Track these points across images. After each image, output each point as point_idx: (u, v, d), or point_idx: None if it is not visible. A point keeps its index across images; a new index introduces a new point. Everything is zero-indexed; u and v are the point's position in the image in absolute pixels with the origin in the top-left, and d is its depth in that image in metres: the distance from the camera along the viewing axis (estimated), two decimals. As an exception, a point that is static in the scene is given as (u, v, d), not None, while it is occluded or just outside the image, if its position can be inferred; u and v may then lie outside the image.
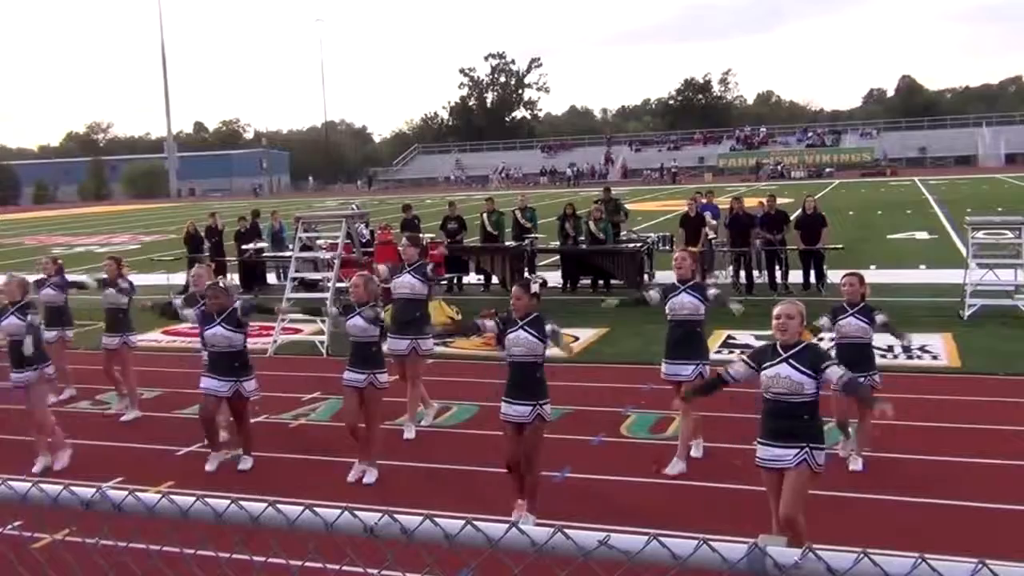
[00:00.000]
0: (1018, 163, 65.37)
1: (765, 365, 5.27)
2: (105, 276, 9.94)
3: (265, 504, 1.52)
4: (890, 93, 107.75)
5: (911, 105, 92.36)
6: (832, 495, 6.54)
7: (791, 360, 5.19)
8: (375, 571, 1.84)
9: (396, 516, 1.44)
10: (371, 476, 7.45)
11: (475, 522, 1.40)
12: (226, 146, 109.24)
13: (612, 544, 1.29)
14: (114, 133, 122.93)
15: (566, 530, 1.34)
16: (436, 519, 1.42)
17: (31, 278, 9.23)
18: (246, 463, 7.89)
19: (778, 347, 5.29)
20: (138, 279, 22.18)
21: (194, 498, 1.58)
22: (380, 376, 7.50)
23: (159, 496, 1.60)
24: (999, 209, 27.93)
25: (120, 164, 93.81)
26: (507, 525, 1.37)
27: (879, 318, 7.28)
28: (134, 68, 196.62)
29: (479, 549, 1.42)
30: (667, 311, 7.53)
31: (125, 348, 9.71)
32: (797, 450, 5.14)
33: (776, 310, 5.37)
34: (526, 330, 6.30)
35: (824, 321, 7.30)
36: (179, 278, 18.64)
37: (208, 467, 7.80)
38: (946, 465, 7.38)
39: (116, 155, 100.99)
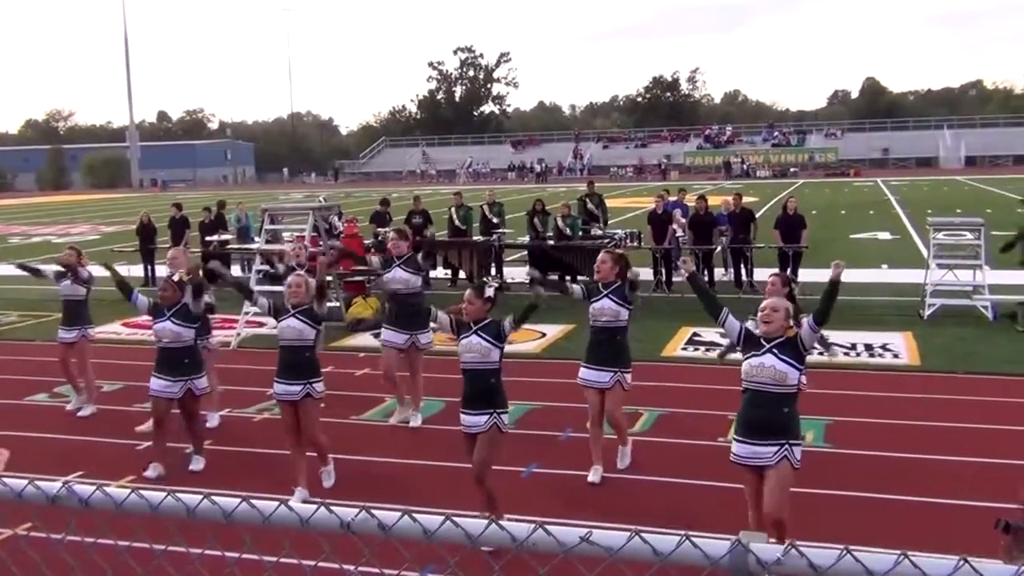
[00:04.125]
0: (977, 166, 66.58)
1: (749, 354, 5.27)
2: (61, 267, 9.60)
3: (239, 500, 1.49)
4: (854, 95, 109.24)
5: (874, 107, 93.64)
6: (792, 491, 6.59)
7: (775, 350, 5.20)
8: (352, 567, 1.82)
9: (374, 512, 1.42)
10: (328, 480, 7.20)
11: (454, 518, 1.38)
12: (190, 136, 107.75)
13: (594, 540, 1.28)
14: (75, 121, 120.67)
15: (547, 526, 1.33)
16: (414, 515, 1.40)
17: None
18: (198, 463, 7.68)
19: (762, 339, 5.29)
20: (98, 270, 21.81)
21: (165, 493, 1.54)
22: (317, 386, 6.90)
23: (128, 492, 1.56)
24: (958, 211, 28.43)
25: (80, 153, 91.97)
26: (487, 521, 1.36)
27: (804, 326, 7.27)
28: (96, 55, 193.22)
29: (458, 545, 1.40)
30: (589, 315, 7.26)
31: (83, 341, 9.46)
32: (776, 447, 5.13)
33: (763, 302, 5.39)
34: (479, 335, 6.04)
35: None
36: (139, 270, 18.34)
37: (148, 474, 7.40)
38: (905, 461, 7.49)
39: (76, 144, 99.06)
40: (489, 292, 6.21)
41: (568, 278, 16.97)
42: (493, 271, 17.33)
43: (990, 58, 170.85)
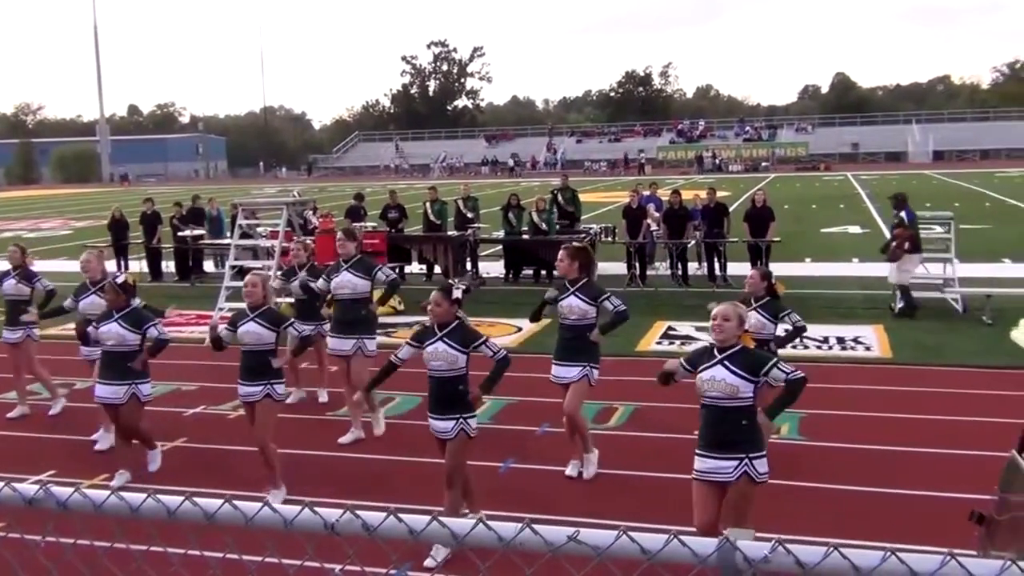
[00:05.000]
0: (945, 160, 67.46)
1: (701, 368, 5.07)
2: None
3: (221, 501, 1.47)
4: (824, 89, 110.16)
5: (844, 101, 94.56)
6: (769, 482, 6.65)
7: (726, 362, 5.00)
8: (336, 567, 1.80)
9: (358, 512, 1.41)
10: (276, 498, 6.63)
11: (440, 518, 1.37)
12: (161, 130, 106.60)
13: (581, 539, 1.28)
14: (44, 115, 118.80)
15: (535, 525, 1.32)
16: (400, 515, 1.39)
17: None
18: (154, 461, 7.51)
19: (715, 350, 5.10)
20: (70, 265, 21.46)
21: (145, 494, 1.52)
22: (278, 387, 6.74)
23: (108, 494, 1.54)
24: (928, 205, 28.79)
25: (50, 147, 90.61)
26: (473, 521, 1.35)
27: (784, 326, 7.29)
28: (66, 47, 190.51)
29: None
30: (557, 313, 7.12)
31: (29, 341, 9.14)
32: (736, 462, 4.96)
33: (715, 311, 5.16)
34: (446, 342, 5.80)
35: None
36: (111, 266, 18.10)
37: (114, 483, 7.10)
38: (878, 453, 7.58)
39: (45, 138, 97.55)
40: (457, 293, 5.97)
41: (543, 272, 17.05)
42: (469, 266, 17.32)
43: (957, 53, 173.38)
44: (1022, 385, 9.26)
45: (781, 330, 7.43)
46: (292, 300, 9.61)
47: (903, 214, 13.23)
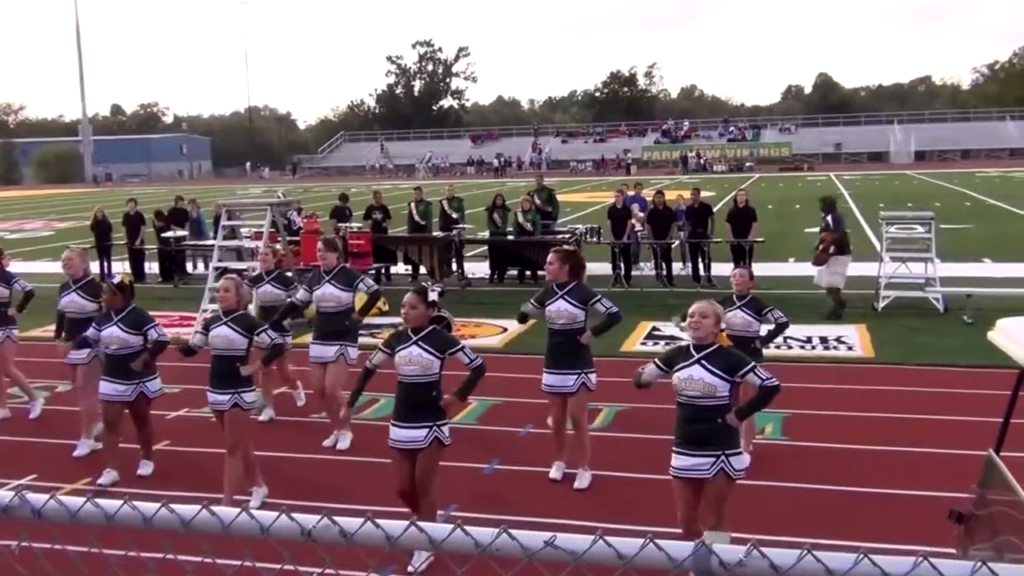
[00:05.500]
0: (927, 160, 67.98)
1: (678, 367, 5.11)
2: None
3: (198, 508, 1.46)
4: (807, 90, 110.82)
5: (827, 102, 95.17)
6: (747, 484, 6.68)
7: (703, 361, 5.04)
8: (317, 570, 1.80)
9: (335, 519, 1.41)
10: (258, 497, 6.80)
11: (418, 523, 1.37)
12: (145, 130, 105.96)
13: (558, 544, 1.28)
14: (26, 115, 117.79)
15: (511, 531, 1.33)
16: (377, 521, 1.39)
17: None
18: (146, 468, 7.51)
19: (691, 348, 5.15)
20: (52, 267, 21.29)
21: (121, 502, 1.51)
22: (246, 396, 6.62)
23: (83, 501, 1.53)
24: (910, 204, 29.01)
25: (31, 147, 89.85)
26: (451, 526, 1.35)
27: (766, 325, 7.32)
28: (47, 46, 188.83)
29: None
30: (546, 318, 6.95)
31: (8, 342, 9.04)
32: (713, 459, 5.01)
33: (691, 308, 5.20)
34: (420, 346, 5.61)
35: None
36: (96, 267, 17.97)
37: (102, 480, 7.20)
38: (861, 453, 7.63)
39: (27, 138, 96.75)
40: (432, 296, 5.86)
41: (528, 273, 17.07)
42: (454, 266, 17.31)
43: (939, 54, 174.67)
44: (1001, 384, 9.33)
45: (764, 329, 7.46)
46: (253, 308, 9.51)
47: (829, 218, 13.56)
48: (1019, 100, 79.79)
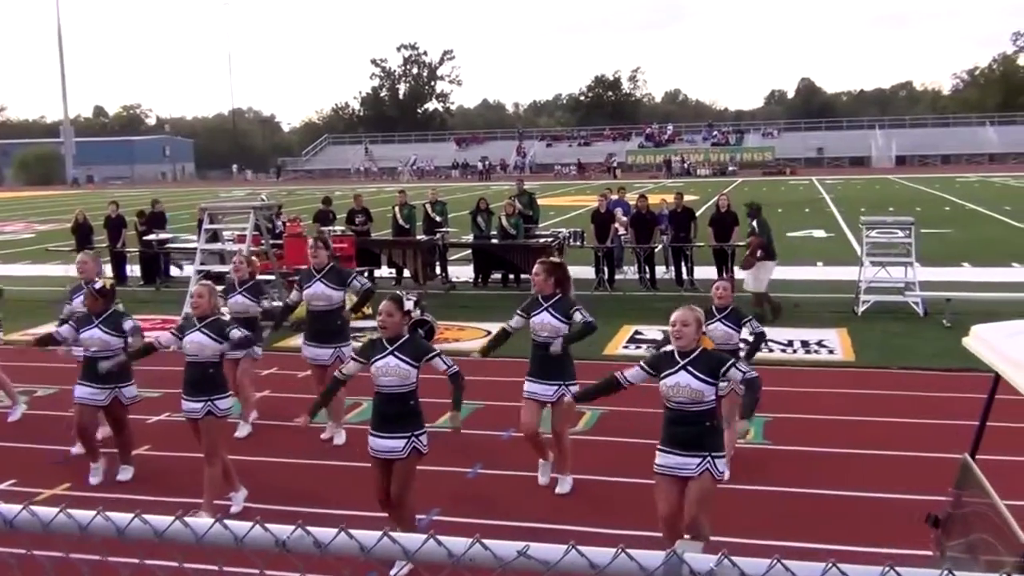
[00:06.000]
0: (907, 164, 68.54)
1: (664, 374, 5.19)
2: None
3: (171, 519, 1.46)
4: (790, 95, 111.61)
5: (809, 107, 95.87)
6: (727, 487, 6.72)
7: (689, 367, 5.12)
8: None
9: (309, 529, 1.41)
10: (238, 501, 6.81)
11: (391, 534, 1.38)
12: (127, 132, 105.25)
13: (531, 555, 1.29)
14: (6, 116, 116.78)
15: (484, 540, 1.33)
16: (351, 531, 1.39)
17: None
18: (126, 473, 7.48)
19: (676, 355, 5.22)
20: (33, 270, 21.11)
21: (94, 512, 1.50)
22: (220, 403, 6.57)
23: (56, 511, 1.52)
24: (891, 209, 29.23)
25: (12, 148, 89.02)
26: (424, 536, 1.36)
27: (745, 332, 7.32)
28: (29, 47, 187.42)
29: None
30: (530, 329, 6.92)
31: None
32: (699, 459, 5.12)
33: (672, 316, 5.26)
34: (397, 356, 5.59)
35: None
36: (71, 270, 17.85)
37: (92, 479, 7.27)
38: (841, 456, 7.68)
39: (8, 139, 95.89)
40: (408, 305, 5.86)
41: (512, 276, 17.07)
42: (438, 270, 17.30)
43: (919, 60, 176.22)
44: (979, 387, 9.42)
45: (742, 342, 7.49)
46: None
47: (755, 223, 13.83)
48: (999, 106, 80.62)
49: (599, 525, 6.30)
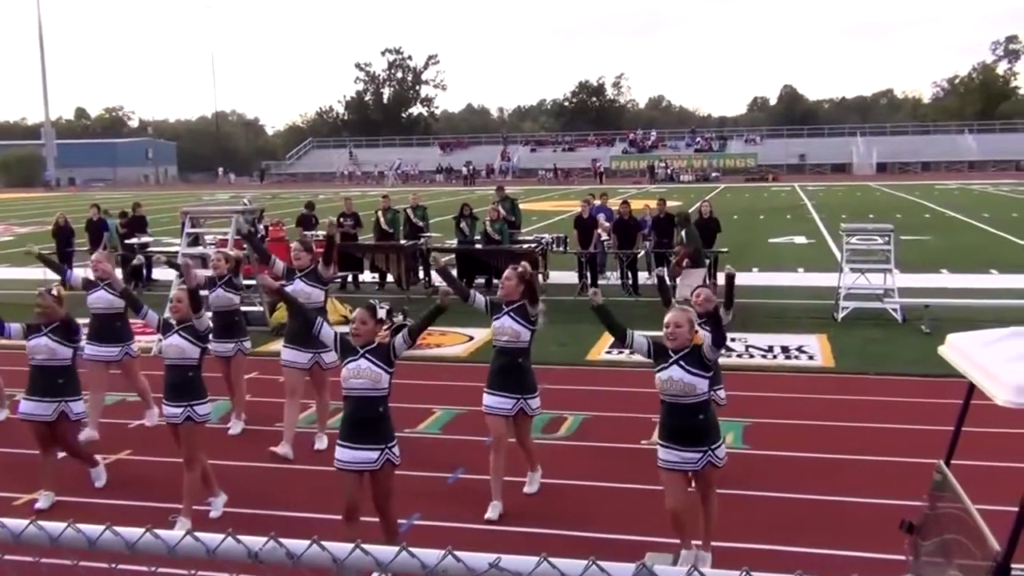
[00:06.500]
0: (888, 172, 69.09)
1: (658, 368, 5.46)
2: None
3: (142, 531, 1.46)
4: (773, 101, 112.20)
5: (792, 114, 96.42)
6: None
7: (681, 362, 5.41)
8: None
9: (282, 541, 1.41)
10: (216, 506, 6.76)
11: (364, 545, 1.38)
12: (110, 134, 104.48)
13: (503, 566, 1.30)
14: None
15: (456, 552, 1.34)
16: (323, 543, 1.39)
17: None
18: (100, 480, 7.32)
19: (670, 351, 5.48)
20: (13, 272, 20.92)
21: (65, 524, 1.50)
22: (199, 408, 6.52)
23: (26, 523, 1.52)
24: (871, 216, 29.46)
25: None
26: (396, 549, 1.36)
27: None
28: (9, 47, 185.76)
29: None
30: (492, 333, 6.82)
31: None
32: (700, 454, 5.45)
33: (666, 318, 5.53)
34: (368, 359, 5.52)
35: None
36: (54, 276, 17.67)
37: (39, 505, 6.81)
38: (819, 461, 7.72)
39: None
40: (381, 313, 5.88)
41: (495, 281, 17.07)
42: (421, 274, 17.28)
43: (900, 68, 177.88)
44: (956, 394, 9.50)
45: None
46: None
47: (683, 232, 14.17)
48: (978, 114, 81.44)
49: (582, 530, 6.31)
